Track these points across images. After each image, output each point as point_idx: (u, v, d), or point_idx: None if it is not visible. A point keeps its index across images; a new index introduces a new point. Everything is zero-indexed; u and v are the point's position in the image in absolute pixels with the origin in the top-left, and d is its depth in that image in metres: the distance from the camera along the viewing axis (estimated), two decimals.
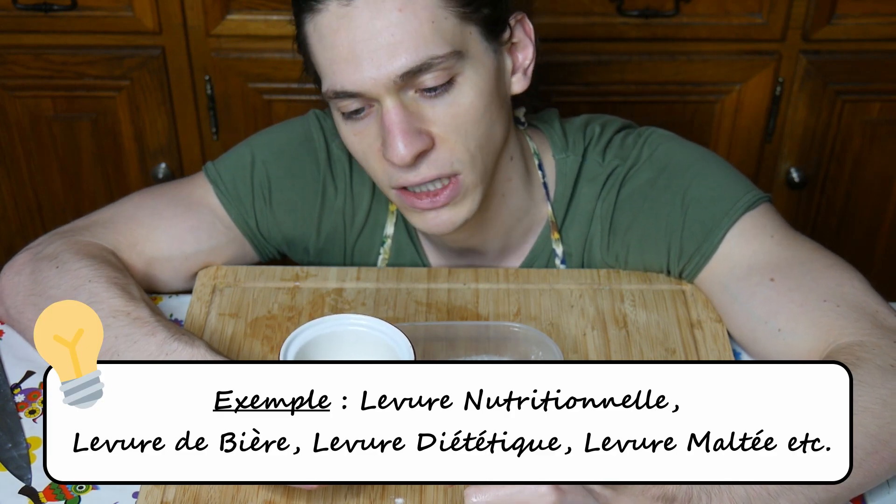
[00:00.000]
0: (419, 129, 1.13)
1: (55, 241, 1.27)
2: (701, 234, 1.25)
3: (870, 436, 1.04)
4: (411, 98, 1.13)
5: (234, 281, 1.34)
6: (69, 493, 1.09)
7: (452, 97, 1.14)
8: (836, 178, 2.00)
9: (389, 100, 1.12)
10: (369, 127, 1.16)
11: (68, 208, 2.00)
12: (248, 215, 1.34)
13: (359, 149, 1.19)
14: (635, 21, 1.82)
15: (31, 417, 1.18)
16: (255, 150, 1.35)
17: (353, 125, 1.17)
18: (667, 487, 0.99)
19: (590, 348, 1.24)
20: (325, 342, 1.04)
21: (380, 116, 1.14)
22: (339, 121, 1.19)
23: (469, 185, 1.19)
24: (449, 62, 1.12)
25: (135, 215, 1.32)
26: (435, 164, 1.15)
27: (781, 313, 1.18)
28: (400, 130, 1.12)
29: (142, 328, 1.15)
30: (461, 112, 1.14)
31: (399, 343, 1.02)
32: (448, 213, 1.20)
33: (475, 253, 1.35)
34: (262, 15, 1.82)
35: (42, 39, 1.84)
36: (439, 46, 1.11)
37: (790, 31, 1.84)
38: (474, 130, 1.16)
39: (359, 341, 1.05)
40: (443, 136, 1.15)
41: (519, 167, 1.29)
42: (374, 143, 1.16)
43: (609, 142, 1.32)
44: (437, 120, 1.14)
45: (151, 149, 1.95)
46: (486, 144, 1.18)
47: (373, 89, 1.11)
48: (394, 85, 1.11)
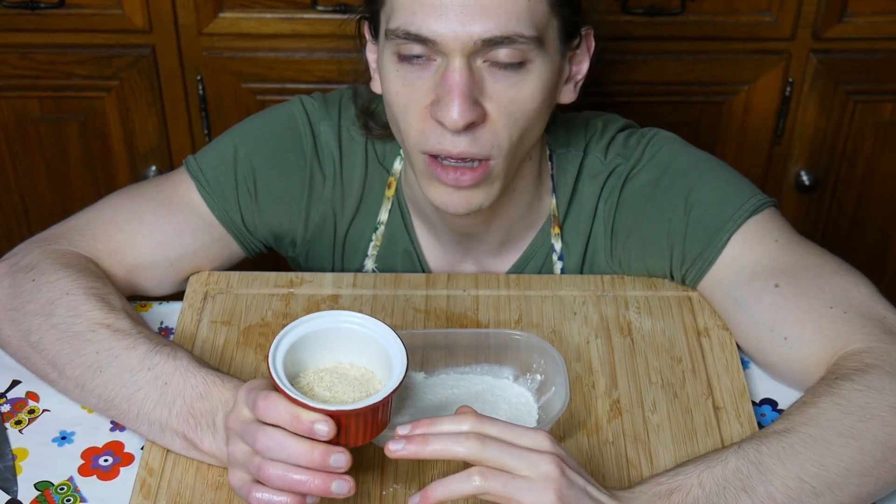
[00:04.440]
0: (477, 99, 1.14)
1: (33, 251, 1.26)
2: (704, 238, 1.26)
3: (880, 443, 1.05)
4: (478, 66, 1.14)
5: (227, 287, 1.34)
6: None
7: (518, 79, 1.15)
8: (847, 180, 2.00)
9: (459, 59, 1.13)
10: (423, 80, 1.16)
11: (55, 212, 2.00)
12: (232, 211, 1.34)
13: (401, 100, 1.18)
14: (640, 19, 1.83)
15: (18, 428, 1.18)
16: (237, 141, 1.35)
17: (406, 72, 1.16)
18: (663, 483, 1.02)
19: (593, 356, 1.25)
20: (316, 339, 1.04)
21: (441, 73, 1.14)
22: (390, 64, 1.18)
23: (496, 173, 1.20)
24: (529, 45, 1.13)
25: (114, 220, 1.31)
26: (477, 143, 1.16)
27: (787, 320, 1.19)
28: (461, 94, 1.13)
29: (122, 341, 1.15)
30: (519, 98, 1.16)
31: (393, 348, 1.03)
32: (468, 195, 1.20)
33: (474, 242, 1.35)
34: (255, 13, 1.82)
35: (29, 38, 1.84)
36: (527, 27, 1.13)
37: (800, 30, 1.84)
38: (523, 121, 1.17)
39: (351, 340, 1.05)
40: (494, 116, 1.16)
41: (534, 167, 1.30)
42: (423, 98, 1.16)
43: (612, 140, 1.33)
44: (495, 96, 1.15)
45: (141, 151, 1.95)
46: (525, 139, 1.20)
47: (450, 43, 1.12)
48: (472, 47, 1.12)
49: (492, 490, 0.95)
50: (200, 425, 1.09)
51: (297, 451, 0.96)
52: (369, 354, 1.05)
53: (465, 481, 0.95)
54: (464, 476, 0.95)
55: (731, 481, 1.02)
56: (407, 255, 1.38)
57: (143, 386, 1.12)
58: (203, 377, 1.10)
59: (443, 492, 0.95)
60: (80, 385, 1.15)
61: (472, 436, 0.96)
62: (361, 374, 1.05)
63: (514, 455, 0.96)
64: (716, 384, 1.21)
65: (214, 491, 1.09)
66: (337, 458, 0.96)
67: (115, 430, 1.18)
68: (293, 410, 0.96)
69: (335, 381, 1.03)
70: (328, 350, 1.05)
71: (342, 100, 1.36)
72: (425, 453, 0.96)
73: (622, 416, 1.18)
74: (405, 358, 1.01)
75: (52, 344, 1.17)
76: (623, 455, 1.14)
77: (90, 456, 1.15)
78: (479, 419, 0.98)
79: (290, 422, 0.96)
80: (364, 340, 1.05)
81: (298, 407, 0.96)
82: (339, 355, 1.06)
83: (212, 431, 1.08)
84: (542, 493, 0.95)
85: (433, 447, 0.96)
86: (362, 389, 1.03)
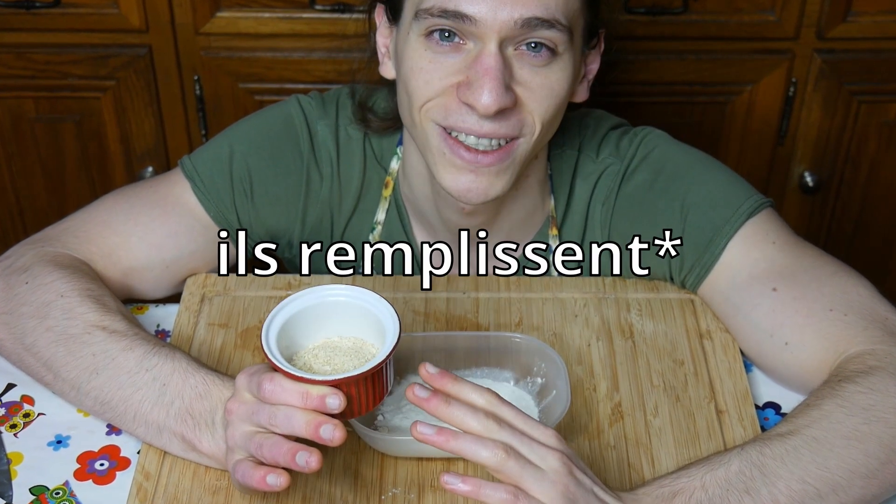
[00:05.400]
0: (509, 85, 1.15)
1: (26, 253, 1.26)
2: (701, 243, 1.25)
3: (884, 445, 1.05)
4: (510, 54, 1.15)
5: (224, 289, 1.34)
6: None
7: (548, 70, 1.16)
8: (851, 182, 2.00)
9: (494, 44, 1.13)
10: (453, 60, 1.16)
11: (51, 213, 2.00)
12: (228, 211, 1.33)
13: (424, 75, 1.17)
14: (642, 18, 1.83)
15: (13, 432, 1.18)
16: (233, 141, 1.35)
17: (435, 51, 1.16)
18: (666, 486, 1.02)
19: (595, 359, 1.25)
20: (305, 317, 1.04)
21: (473, 57, 1.14)
22: (416, 44, 1.17)
23: (519, 155, 1.20)
24: (564, 35, 1.14)
25: (108, 221, 1.31)
26: (507, 124, 1.16)
27: (787, 325, 1.19)
28: (494, 78, 1.13)
29: (119, 343, 1.15)
30: (548, 84, 1.16)
31: (383, 312, 1.03)
32: (486, 181, 1.19)
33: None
34: (253, 12, 1.82)
35: (24, 38, 1.84)
36: (564, 16, 1.14)
37: (804, 29, 1.84)
38: (552, 108, 1.18)
39: (343, 313, 1.05)
40: (525, 100, 1.16)
41: (539, 166, 1.30)
42: (452, 78, 1.16)
43: (603, 138, 1.33)
44: (524, 82, 1.16)
45: (138, 152, 1.95)
46: (550, 128, 1.21)
47: (488, 23, 1.12)
48: (510, 28, 1.12)
49: (509, 470, 0.95)
50: (199, 425, 1.09)
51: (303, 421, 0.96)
52: (359, 323, 1.05)
53: (489, 448, 0.95)
54: (489, 443, 0.96)
55: (734, 484, 1.02)
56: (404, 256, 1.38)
57: (141, 387, 1.12)
58: (203, 377, 1.11)
59: (460, 447, 0.96)
60: (75, 387, 1.15)
61: (489, 414, 0.97)
62: (354, 344, 1.05)
63: (527, 444, 0.97)
64: (718, 387, 1.21)
65: (212, 495, 1.09)
66: (325, 429, 0.95)
67: (112, 434, 1.18)
68: (301, 388, 0.96)
69: (331, 355, 1.04)
70: (318, 326, 1.05)
71: (339, 98, 1.36)
72: (444, 416, 0.97)
73: (624, 420, 1.18)
74: (397, 320, 1.01)
75: (47, 346, 1.17)
76: (625, 459, 1.14)
77: (86, 460, 1.15)
78: (498, 399, 0.99)
79: (300, 399, 0.96)
80: (353, 311, 1.05)
81: (305, 384, 0.96)
82: (329, 330, 1.06)
83: (210, 431, 1.08)
84: (551, 486, 0.95)
85: (453, 413, 0.97)
86: (358, 357, 1.03)
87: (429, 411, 0.98)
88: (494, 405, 0.99)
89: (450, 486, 0.95)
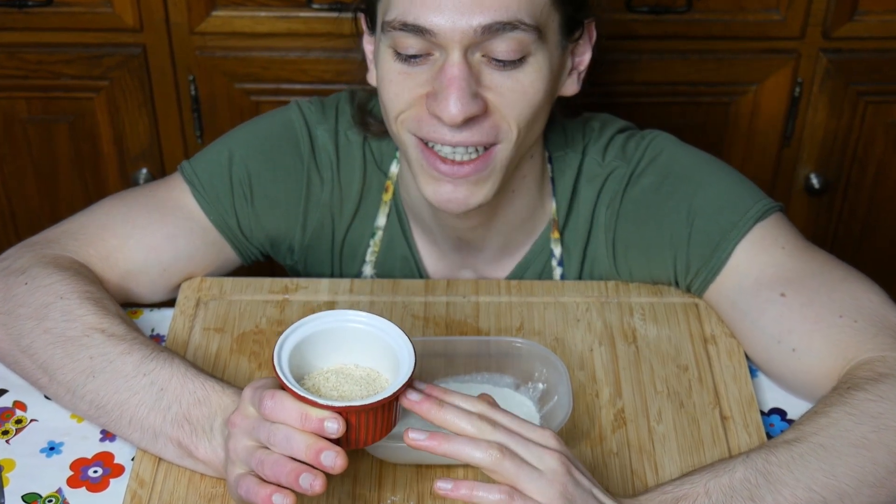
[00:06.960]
0: (476, 92, 1.15)
1: (24, 255, 1.26)
2: (708, 247, 1.25)
3: (892, 454, 1.05)
4: (477, 60, 1.15)
5: (220, 293, 1.34)
6: None
7: (518, 74, 1.16)
8: (858, 183, 2.00)
9: (457, 53, 1.13)
10: (420, 71, 1.16)
11: (44, 215, 2.01)
12: (227, 215, 1.34)
13: (395, 89, 1.18)
14: (645, 18, 1.83)
15: (5, 438, 1.18)
16: (232, 145, 1.35)
17: (401, 61, 1.17)
18: (669, 492, 1.02)
19: (597, 365, 1.25)
20: (320, 340, 1.04)
21: (439, 67, 1.15)
22: (387, 57, 1.18)
23: (499, 161, 1.20)
24: (529, 35, 1.14)
25: (106, 224, 1.31)
26: (480, 131, 1.17)
27: (795, 332, 1.19)
28: (458, 88, 1.13)
29: (117, 346, 1.15)
30: (519, 88, 1.16)
31: (399, 343, 1.03)
32: (465, 191, 1.20)
33: (473, 249, 1.35)
34: (248, 11, 1.82)
35: (16, 37, 1.84)
36: (527, 15, 1.13)
37: (810, 29, 1.84)
38: (527, 111, 1.18)
39: (361, 340, 1.05)
40: (496, 106, 1.17)
41: (535, 167, 1.30)
42: (420, 89, 1.17)
43: (609, 141, 1.33)
44: (495, 87, 1.16)
45: (132, 153, 1.96)
46: (530, 130, 1.21)
47: (448, 34, 1.12)
48: (471, 36, 1.12)
49: (504, 469, 0.96)
50: (196, 431, 1.09)
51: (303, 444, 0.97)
52: (375, 354, 1.05)
53: (483, 449, 0.96)
54: (483, 444, 0.96)
55: (738, 491, 1.02)
56: (405, 261, 1.38)
57: (138, 391, 1.12)
58: (202, 383, 1.11)
59: (454, 449, 0.97)
60: (70, 390, 1.15)
61: (483, 417, 0.98)
62: (367, 374, 1.05)
63: (522, 444, 0.97)
64: (723, 393, 1.21)
65: (207, 502, 1.09)
66: (327, 455, 0.96)
67: (105, 440, 1.18)
68: (301, 408, 0.96)
69: (341, 381, 1.04)
70: (333, 351, 1.05)
71: (339, 103, 1.37)
72: (437, 419, 0.98)
73: (627, 426, 1.18)
74: (413, 355, 1.01)
75: (45, 348, 1.17)
76: (628, 466, 1.14)
77: (79, 467, 1.15)
78: (491, 405, 1.00)
79: (298, 420, 0.96)
80: (370, 340, 1.05)
81: (307, 405, 0.97)
82: (343, 356, 1.06)
83: (208, 437, 1.08)
84: (549, 486, 0.96)
85: (445, 416, 0.98)
86: (369, 388, 1.03)
87: (421, 415, 0.98)
88: (488, 410, 1.00)
89: (443, 492, 0.96)
